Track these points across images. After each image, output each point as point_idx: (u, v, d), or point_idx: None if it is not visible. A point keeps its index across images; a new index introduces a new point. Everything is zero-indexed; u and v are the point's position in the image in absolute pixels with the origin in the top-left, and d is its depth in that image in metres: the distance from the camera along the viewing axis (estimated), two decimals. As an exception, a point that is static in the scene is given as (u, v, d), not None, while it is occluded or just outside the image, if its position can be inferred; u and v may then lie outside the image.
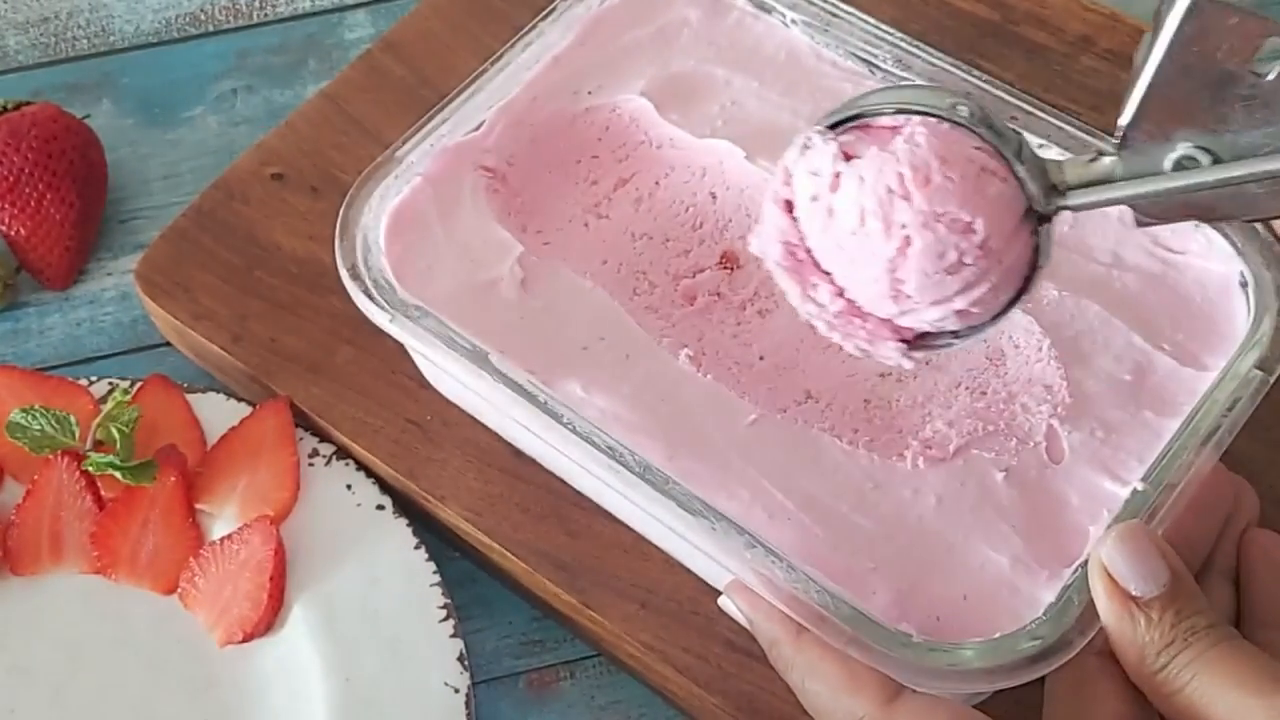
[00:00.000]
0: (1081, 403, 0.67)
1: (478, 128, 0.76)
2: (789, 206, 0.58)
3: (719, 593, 0.65)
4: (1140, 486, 0.62)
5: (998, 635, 0.59)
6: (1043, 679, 0.60)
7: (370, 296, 0.69)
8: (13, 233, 0.87)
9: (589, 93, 0.78)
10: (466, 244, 0.73)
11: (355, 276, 0.70)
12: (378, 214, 0.72)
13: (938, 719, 0.58)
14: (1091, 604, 0.58)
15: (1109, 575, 0.57)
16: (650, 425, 0.66)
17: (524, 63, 0.77)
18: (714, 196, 0.76)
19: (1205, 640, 0.55)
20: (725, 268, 0.75)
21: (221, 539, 0.75)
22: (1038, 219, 0.56)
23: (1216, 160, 0.54)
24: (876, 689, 0.59)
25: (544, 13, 0.79)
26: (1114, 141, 0.55)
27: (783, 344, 0.72)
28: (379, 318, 0.69)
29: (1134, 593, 0.57)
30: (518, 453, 0.76)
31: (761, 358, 0.72)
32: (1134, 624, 0.56)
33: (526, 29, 0.78)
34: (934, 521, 0.64)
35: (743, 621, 0.64)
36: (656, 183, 0.78)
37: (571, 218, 0.76)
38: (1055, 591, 0.60)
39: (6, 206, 0.86)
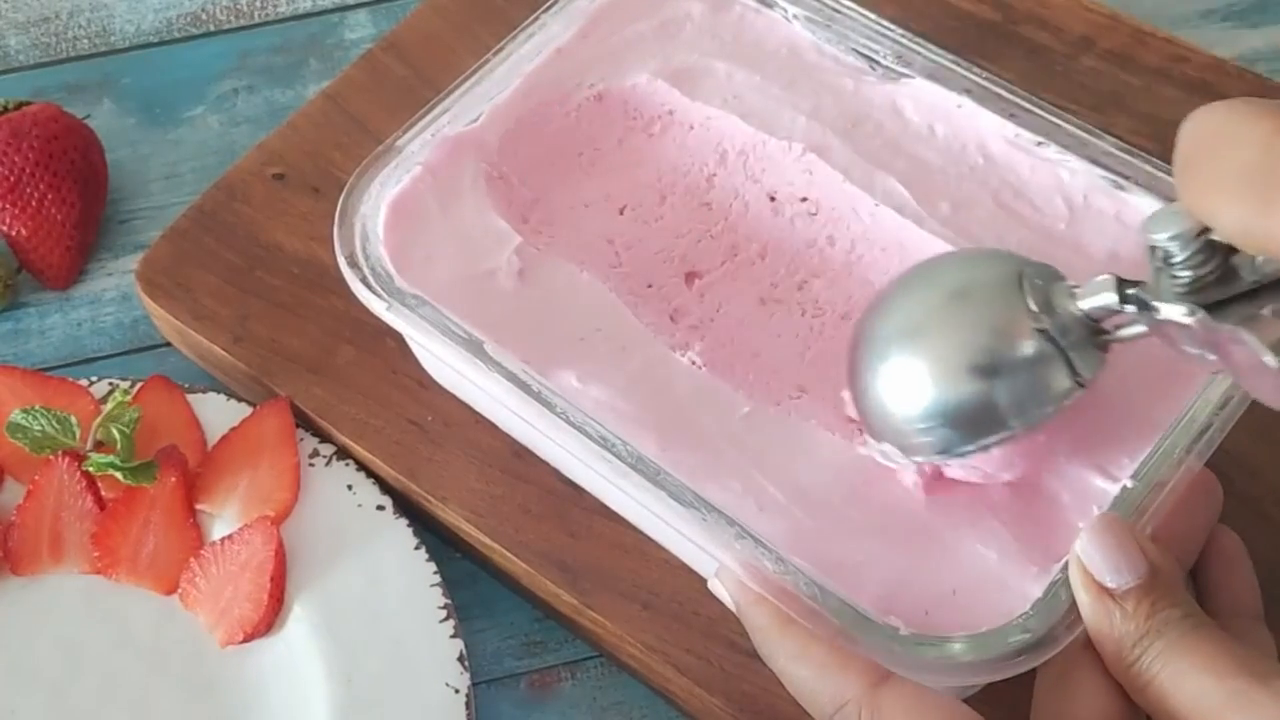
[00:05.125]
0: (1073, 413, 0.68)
1: (478, 118, 0.77)
2: None
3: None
4: (1130, 484, 0.63)
5: (985, 629, 0.60)
6: (1031, 675, 0.61)
7: (368, 285, 0.71)
8: (13, 233, 0.88)
9: (591, 85, 0.80)
10: (465, 234, 0.74)
11: (353, 265, 0.71)
12: (377, 203, 0.73)
13: (924, 706, 0.59)
14: None
15: (1085, 568, 0.59)
16: (644, 416, 0.67)
17: (525, 55, 0.79)
18: (718, 189, 0.78)
19: (1177, 630, 0.57)
20: (726, 262, 0.77)
21: (222, 539, 0.76)
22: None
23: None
24: (864, 672, 0.60)
25: (546, 5, 0.80)
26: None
27: (779, 339, 0.74)
28: (376, 306, 0.70)
29: (1109, 585, 0.58)
30: (519, 453, 0.77)
31: (757, 353, 0.73)
32: (1109, 617, 0.58)
33: (528, 21, 0.79)
34: (924, 516, 0.65)
35: (729, 605, 0.65)
36: (660, 177, 0.79)
37: (572, 208, 0.78)
38: (1043, 587, 0.61)
39: (7, 206, 0.87)
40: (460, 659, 0.74)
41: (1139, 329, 0.61)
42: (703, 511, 0.64)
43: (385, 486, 0.79)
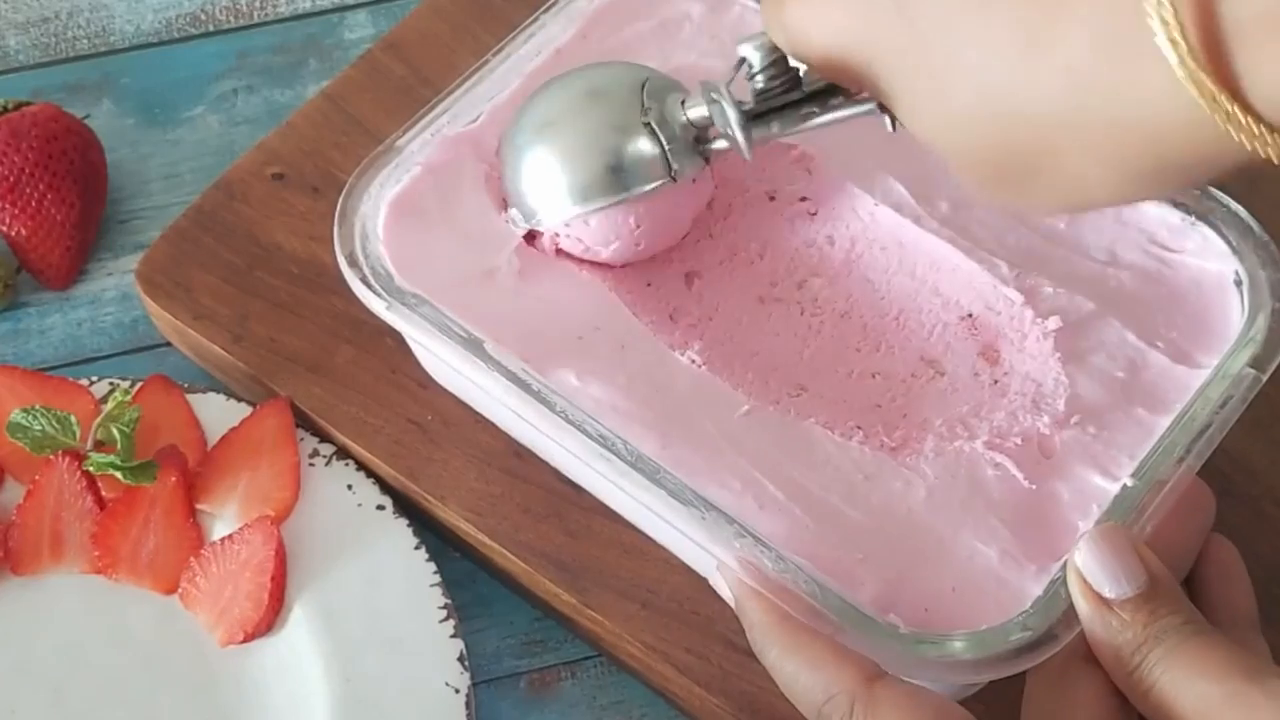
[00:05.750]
0: (1074, 399, 0.69)
1: (478, 118, 0.77)
2: None
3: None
4: (1130, 483, 0.64)
5: (985, 627, 0.61)
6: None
7: (367, 284, 0.71)
8: (13, 233, 0.88)
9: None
10: (465, 233, 0.74)
11: (353, 264, 0.72)
12: (377, 202, 0.73)
13: (918, 703, 0.59)
14: None
15: (1083, 578, 0.59)
16: (644, 415, 0.68)
17: (525, 55, 0.79)
18: (717, 188, 0.78)
19: (1177, 636, 0.57)
20: (725, 261, 0.77)
21: (222, 539, 0.76)
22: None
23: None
24: (858, 666, 0.60)
25: (545, 5, 0.81)
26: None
27: (778, 338, 0.74)
28: (375, 305, 0.71)
29: (1107, 595, 0.58)
30: (519, 453, 0.77)
31: (756, 352, 0.74)
32: (1108, 626, 0.58)
33: (528, 21, 0.80)
34: (924, 514, 0.66)
35: (729, 601, 0.66)
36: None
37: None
38: (1043, 585, 0.62)
39: (7, 207, 0.87)
40: (460, 659, 0.74)
41: (722, 144, 0.70)
42: (702, 510, 0.64)
43: (385, 486, 0.79)
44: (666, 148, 0.70)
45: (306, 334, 0.82)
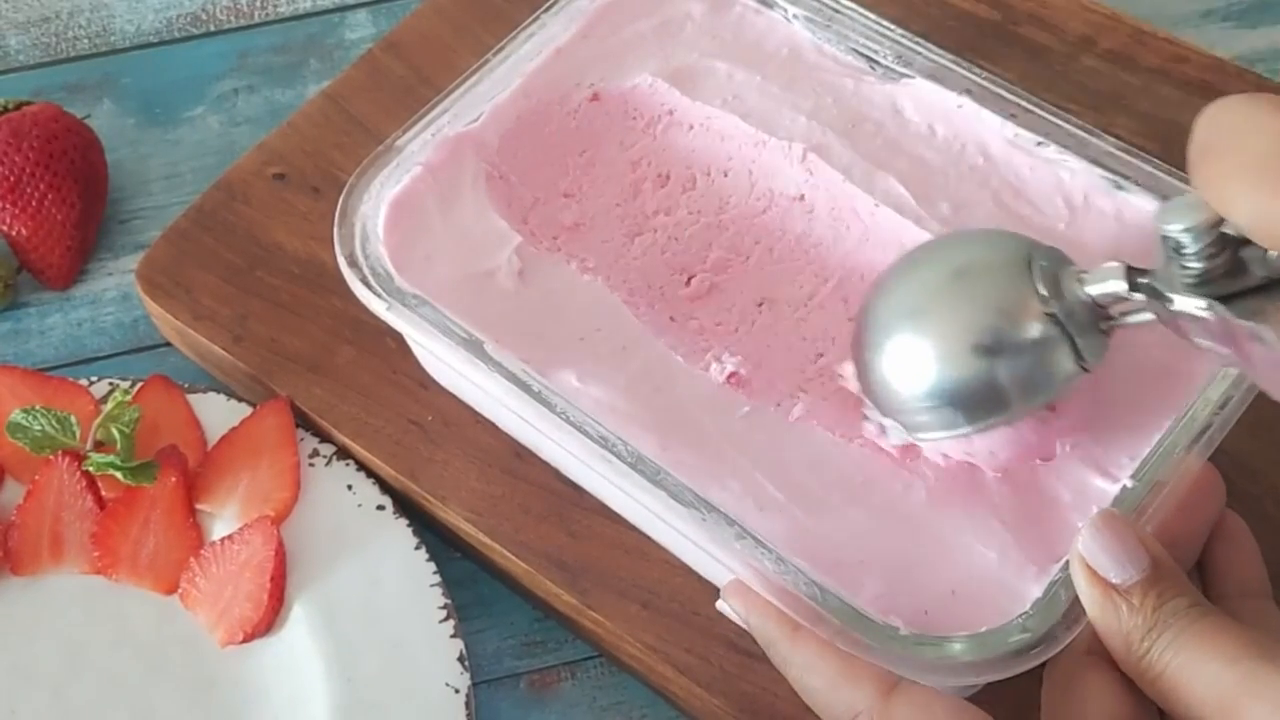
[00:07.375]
0: (1075, 400, 0.68)
1: (478, 118, 0.77)
2: None
3: (718, 591, 0.66)
4: (1130, 484, 0.64)
5: (985, 629, 0.60)
6: (1034, 674, 0.61)
7: (367, 284, 0.71)
8: (14, 233, 0.88)
9: (591, 85, 0.80)
10: (465, 234, 0.74)
11: (353, 264, 0.72)
12: (377, 202, 0.74)
13: (934, 711, 0.59)
14: (1078, 598, 0.59)
15: (1088, 565, 0.59)
16: (644, 416, 0.68)
17: (526, 54, 0.79)
18: (718, 189, 0.78)
19: (1185, 618, 0.57)
20: (725, 262, 0.76)
21: (222, 539, 0.76)
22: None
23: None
24: (874, 681, 0.60)
25: (546, 5, 0.81)
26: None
27: (780, 339, 0.74)
28: (376, 305, 0.71)
29: (1113, 580, 0.58)
30: (519, 454, 0.77)
31: (757, 353, 0.73)
32: (1116, 612, 0.58)
33: (528, 21, 0.80)
34: (924, 516, 0.66)
35: (740, 623, 0.65)
36: (666, 176, 0.79)
37: (573, 209, 0.78)
38: (1043, 586, 0.62)
39: (8, 206, 0.87)
40: (460, 659, 0.74)
41: (1145, 316, 0.61)
42: (702, 511, 0.64)
43: (385, 486, 0.79)
44: (1075, 338, 0.63)
45: (307, 334, 0.82)
